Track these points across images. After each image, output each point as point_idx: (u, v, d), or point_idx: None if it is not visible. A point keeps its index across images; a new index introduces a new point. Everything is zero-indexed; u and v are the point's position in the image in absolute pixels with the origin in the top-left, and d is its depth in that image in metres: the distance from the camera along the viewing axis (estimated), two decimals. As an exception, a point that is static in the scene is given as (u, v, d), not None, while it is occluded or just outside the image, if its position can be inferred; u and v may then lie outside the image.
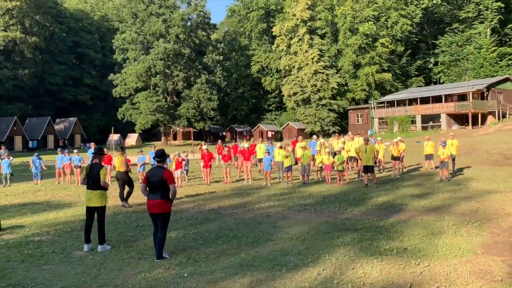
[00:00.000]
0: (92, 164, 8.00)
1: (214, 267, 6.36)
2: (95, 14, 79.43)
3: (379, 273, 5.69)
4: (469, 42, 57.62)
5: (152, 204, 6.99)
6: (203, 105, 60.76)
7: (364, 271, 5.78)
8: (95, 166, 7.91)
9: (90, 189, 7.78)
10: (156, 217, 7.05)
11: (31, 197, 15.26)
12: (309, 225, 8.97)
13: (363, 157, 14.68)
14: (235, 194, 14.12)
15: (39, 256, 7.37)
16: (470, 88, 44.66)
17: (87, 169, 7.95)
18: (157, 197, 6.95)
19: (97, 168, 7.86)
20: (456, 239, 7.28)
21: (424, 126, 48.43)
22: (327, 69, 59.32)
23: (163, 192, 6.95)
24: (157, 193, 6.96)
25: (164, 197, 6.96)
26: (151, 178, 7.05)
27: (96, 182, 7.74)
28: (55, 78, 66.08)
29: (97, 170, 7.81)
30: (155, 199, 6.96)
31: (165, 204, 6.97)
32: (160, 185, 6.95)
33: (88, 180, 7.82)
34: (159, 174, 6.97)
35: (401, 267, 5.89)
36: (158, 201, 6.93)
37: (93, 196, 7.75)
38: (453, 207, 10.29)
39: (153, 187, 7.02)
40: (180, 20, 59.59)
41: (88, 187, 7.83)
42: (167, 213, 7.05)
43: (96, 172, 7.77)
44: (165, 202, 6.97)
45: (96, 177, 7.74)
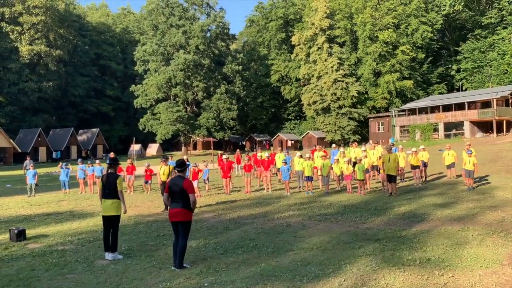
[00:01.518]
0: (108, 174, 8.09)
1: (234, 276, 6.35)
2: (117, 26, 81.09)
3: (401, 284, 5.59)
4: (492, 48, 56.53)
5: (174, 212, 7.08)
6: (223, 115, 61.11)
7: (386, 281, 5.68)
8: (111, 176, 8.02)
9: (107, 198, 7.90)
10: (177, 225, 7.13)
11: (55, 207, 15.55)
12: (330, 235, 8.89)
13: (386, 166, 14.48)
14: (255, 203, 14.11)
15: (63, 265, 7.49)
16: (494, 95, 43.79)
17: (103, 179, 8.07)
18: (178, 206, 7.04)
19: (113, 177, 7.98)
20: (481, 249, 7.10)
21: (447, 134, 47.66)
22: (346, 77, 59.01)
23: (184, 201, 7.04)
24: (178, 202, 7.06)
25: (185, 206, 7.03)
26: (173, 188, 7.13)
27: (113, 191, 7.87)
28: (78, 90, 67.57)
29: (113, 179, 7.94)
30: (176, 208, 7.05)
31: (185, 213, 7.04)
32: (181, 194, 7.04)
33: (105, 189, 7.94)
34: (179, 184, 7.07)
35: (424, 278, 5.77)
36: (179, 209, 7.03)
37: (109, 205, 7.87)
38: (478, 216, 10.06)
39: (174, 196, 7.11)
40: (200, 31, 60.27)
41: (104, 196, 7.93)
42: (187, 222, 7.11)
43: (112, 182, 7.90)
44: (185, 211, 7.03)
45: (112, 186, 7.87)
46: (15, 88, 59.96)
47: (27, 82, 60.43)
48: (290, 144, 62.08)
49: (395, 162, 14.41)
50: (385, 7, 57.78)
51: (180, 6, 63.52)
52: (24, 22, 60.43)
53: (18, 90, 60.11)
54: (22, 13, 60.44)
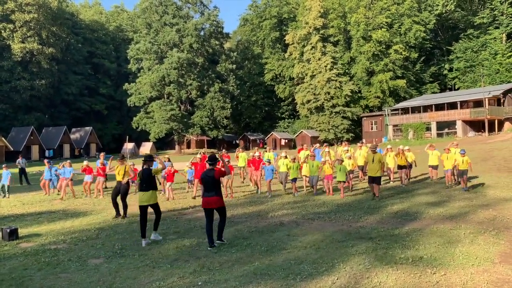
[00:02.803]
0: (143, 169, 9.12)
1: (228, 275, 6.36)
2: (110, 25, 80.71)
3: (394, 282, 5.63)
4: (484, 47, 56.94)
5: (209, 201, 8.25)
6: (217, 114, 61.12)
7: (379, 280, 5.72)
8: (146, 171, 9.10)
9: (145, 191, 8.94)
10: (211, 211, 8.32)
11: (48, 205, 15.45)
12: (323, 234, 8.93)
13: (369, 167, 13.74)
14: (249, 202, 14.12)
15: (56, 264, 7.46)
16: (486, 94, 44.14)
17: (139, 175, 9.13)
18: (212, 195, 8.22)
19: (147, 172, 9.09)
20: (473, 247, 7.17)
21: (439, 133, 47.96)
22: (340, 76, 59.23)
23: (216, 190, 8.27)
24: (211, 191, 8.22)
25: (218, 194, 8.30)
26: (205, 179, 8.28)
27: (150, 184, 8.98)
28: (71, 88, 67.19)
29: (148, 173, 9.07)
30: (211, 197, 8.22)
31: (219, 200, 8.31)
32: (214, 184, 8.24)
33: (142, 183, 9.01)
34: (211, 175, 8.25)
35: (416, 276, 5.82)
36: (214, 198, 8.21)
37: (145, 195, 8.93)
38: (469, 215, 10.15)
39: (207, 186, 8.24)
40: (194, 29, 60.21)
41: (142, 189, 9.00)
42: (223, 207, 8.44)
43: (147, 175, 9.03)
44: (219, 198, 8.30)
45: (149, 180, 9.02)
46: (7, 86, 59.49)
47: (19, 80, 59.99)
48: (284, 143, 62.17)
49: (379, 163, 13.55)
50: (379, 7, 58.03)
51: (174, 4, 63.45)
52: (16, 20, 59.96)
53: (10, 88, 59.64)
54: (14, 11, 59.96)
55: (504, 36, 55.95)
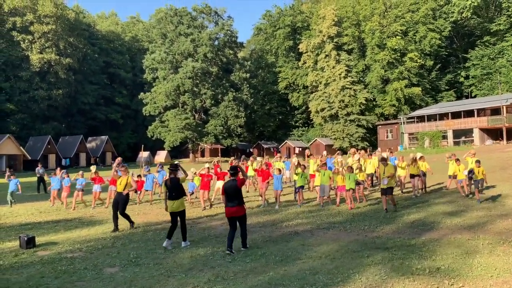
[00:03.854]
0: (171, 179, 9.51)
1: (242, 285, 6.34)
2: (126, 35, 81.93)
3: (411, 293, 5.55)
4: (502, 54, 56.22)
5: (232, 211, 8.55)
6: (231, 122, 61.33)
7: (395, 291, 5.65)
8: (173, 180, 9.48)
9: (173, 199, 9.34)
10: (235, 220, 8.60)
11: (64, 214, 15.64)
12: (339, 244, 8.85)
13: (380, 178, 13.42)
14: (263, 212, 14.07)
15: (72, 273, 7.52)
16: (504, 102, 43.49)
17: (166, 183, 9.53)
18: (234, 205, 8.51)
19: (175, 181, 9.49)
20: (492, 258, 7.02)
21: (456, 141, 47.36)
22: (354, 84, 59.03)
23: (238, 200, 8.53)
24: (234, 201, 8.51)
25: (240, 204, 8.55)
26: (228, 190, 8.58)
27: (178, 192, 9.38)
28: (87, 98, 68.24)
29: (176, 182, 9.47)
30: (233, 207, 8.52)
31: (241, 209, 8.59)
32: (236, 194, 8.52)
33: (171, 192, 9.37)
34: (234, 185, 8.56)
35: (434, 287, 5.72)
36: (235, 208, 8.50)
37: (176, 203, 9.33)
38: (488, 225, 9.96)
39: (230, 196, 8.54)
40: (208, 39, 60.74)
41: (171, 198, 9.36)
42: (244, 215, 8.68)
43: (176, 184, 9.42)
44: (241, 208, 8.58)
45: (176, 188, 9.39)
46: (26, 96, 60.69)
47: (37, 90, 61.14)
48: (298, 152, 61.96)
49: (390, 174, 13.08)
50: (393, 15, 57.83)
51: (189, 14, 64.13)
52: (35, 31, 61.26)
53: (29, 98, 60.83)
54: (33, 22, 61.30)
55: (521, 43, 55.17)
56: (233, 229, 8.53)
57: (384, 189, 13.18)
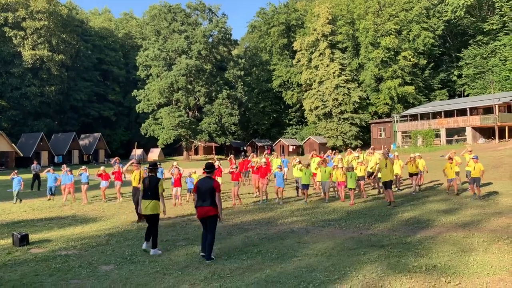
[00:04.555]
0: (150, 177, 8.81)
1: (239, 283, 6.31)
2: (119, 32, 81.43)
3: (408, 291, 5.55)
4: (494, 54, 56.58)
5: (203, 211, 7.82)
6: (225, 120, 61.20)
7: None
8: (152, 179, 8.75)
9: (147, 199, 8.58)
10: (206, 221, 7.88)
11: (57, 211, 15.52)
12: (334, 241, 8.85)
13: (382, 172, 13.85)
14: (258, 209, 14.06)
15: (66, 270, 7.45)
16: (496, 101, 43.79)
17: (144, 182, 8.79)
18: (206, 205, 7.80)
19: (155, 180, 8.74)
20: (487, 256, 7.06)
21: (448, 139, 47.60)
22: (348, 83, 59.11)
23: (211, 200, 7.80)
24: (206, 201, 7.80)
25: (212, 205, 7.81)
26: (202, 188, 7.87)
27: (154, 192, 8.61)
28: (80, 95, 67.79)
29: (155, 182, 8.69)
30: (205, 206, 7.81)
31: (213, 210, 7.81)
32: (210, 194, 7.80)
33: (146, 191, 8.62)
34: (209, 184, 7.86)
35: (431, 285, 5.73)
36: (207, 208, 7.79)
37: (150, 204, 8.55)
38: (482, 223, 10.01)
39: (202, 194, 7.84)
40: (202, 36, 60.51)
41: (145, 197, 8.61)
42: (215, 216, 7.84)
43: (154, 184, 8.65)
44: (213, 208, 7.81)
45: (154, 189, 8.63)
46: (18, 92, 60.18)
47: (29, 87, 60.65)
48: (292, 150, 62.04)
49: (392, 168, 13.81)
50: (387, 13, 57.97)
51: (183, 11, 63.87)
52: (27, 27, 60.73)
53: (21, 95, 60.33)
54: (25, 18, 60.76)
55: (514, 42, 55.52)
56: (206, 229, 7.94)
57: (385, 182, 13.64)
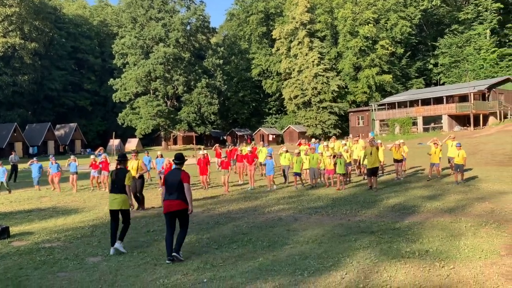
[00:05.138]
0: (118, 170, 8.15)
1: (232, 272, 6.23)
2: (94, 19, 79.47)
3: (404, 276, 5.57)
4: (469, 43, 57.57)
5: (170, 204, 7.09)
6: (204, 109, 60.70)
7: (388, 274, 5.65)
8: (120, 171, 8.09)
9: (115, 193, 7.95)
10: (173, 217, 7.13)
11: (36, 203, 15.13)
12: (324, 228, 8.85)
13: (368, 159, 14.22)
14: (243, 198, 14.00)
15: (52, 263, 7.23)
16: (472, 89, 44.63)
17: (112, 174, 8.16)
18: (173, 198, 7.07)
19: (123, 173, 8.06)
20: (477, 240, 7.16)
21: (425, 127, 48.38)
22: (327, 71, 59.29)
23: (180, 193, 7.07)
24: (174, 194, 7.08)
25: (181, 198, 7.07)
26: (170, 180, 7.19)
27: (122, 186, 7.95)
28: (54, 84, 66.01)
29: (123, 175, 8.01)
30: (172, 200, 7.07)
31: (182, 204, 7.08)
32: (178, 186, 7.08)
33: (114, 184, 7.99)
34: (177, 176, 7.14)
35: (426, 270, 5.76)
36: (176, 201, 7.05)
37: (119, 199, 7.91)
38: (467, 208, 10.18)
39: (170, 188, 7.13)
40: (180, 24, 59.64)
41: (113, 191, 8.00)
42: (186, 210, 7.10)
43: (122, 177, 7.96)
44: (182, 202, 7.08)
45: (122, 182, 7.96)
46: (-11, 82, 58.27)
47: (1, 76, 58.75)
48: (272, 139, 62.11)
49: (377, 155, 14.27)
50: (365, 2, 58.19)
51: (160, -2, 62.72)
52: (-3, 14, 58.62)
53: (-8, 84, 58.44)
54: (-5, 4, 58.61)
55: (488, 32, 56.60)
56: (171, 230, 7.10)
57: (370, 169, 13.96)
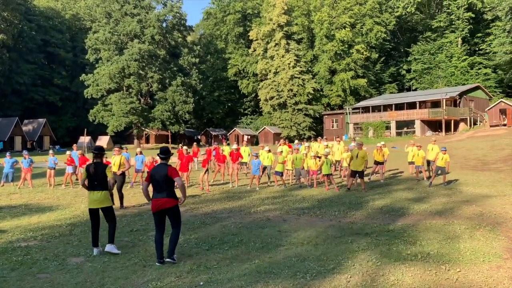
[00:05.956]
0: (95, 164, 7.37)
1: (229, 274, 5.90)
2: (66, 12, 77.16)
3: (412, 279, 5.37)
4: (441, 50, 59.04)
5: (159, 203, 6.60)
6: (178, 108, 59.75)
7: (395, 278, 5.44)
8: (99, 166, 7.35)
9: (96, 190, 7.28)
10: (163, 216, 6.68)
11: (6, 200, 14.31)
12: (316, 230, 8.61)
13: (353, 162, 14.23)
14: (226, 197, 13.65)
15: (31, 264, 6.70)
16: (444, 96, 45.63)
17: (89, 169, 7.35)
18: (163, 196, 6.60)
19: (101, 167, 7.35)
20: (475, 243, 7.06)
21: (398, 132, 49.14)
22: (303, 74, 59.45)
23: (168, 190, 6.63)
24: (162, 192, 6.61)
25: (170, 196, 6.62)
26: (155, 176, 6.66)
27: (102, 182, 7.28)
28: (23, 78, 63.55)
29: (102, 169, 7.31)
30: (161, 198, 6.60)
31: (172, 200, 6.63)
32: (166, 183, 6.60)
33: (93, 181, 7.29)
34: (163, 172, 6.62)
35: (432, 273, 5.59)
36: (164, 199, 6.59)
37: (99, 196, 7.27)
38: (456, 211, 10.16)
39: (157, 185, 6.64)
40: (156, 20, 58.59)
41: (92, 188, 7.30)
42: (176, 207, 6.67)
43: (101, 172, 7.28)
44: (171, 200, 6.63)
45: (101, 177, 7.27)
46: (-48, 73, 55.61)
47: (-35, 67, 56.23)
48: (247, 139, 61.66)
49: (363, 158, 14.14)
50: (342, 6, 58.72)
51: (136, -6, 61.44)
52: (-37, 3, 56.11)
53: (-45, 76, 55.80)
54: (-39, -7, 56.07)
55: (459, 40, 58.20)
56: (161, 230, 6.68)
57: (355, 172, 13.95)
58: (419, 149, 15.79)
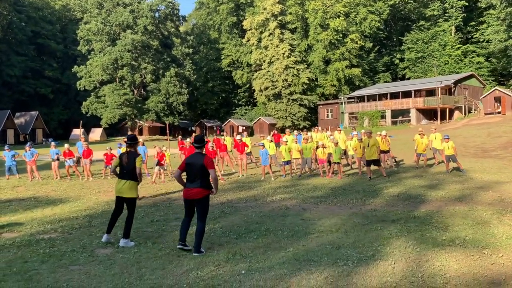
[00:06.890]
0: (128, 153, 7.28)
1: (268, 262, 5.82)
2: (56, 3, 75.90)
3: (458, 265, 5.34)
4: (434, 39, 59.17)
5: (191, 192, 6.50)
6: (172, 99, 59.32)
7: (441, 263, 5.40)
8: (131, 155, 7.24)
9: (123, 179, 7.16)
10: (192, 204, 6.56)
11: (12, 193, 14.08)
12: (340, 217, 8.56)
13: (367, 151, 14.22)
14: (236, 187, 13.56)
15: (60, 256, 6.55)
16: (439, 84, 45.80)
17: (121, 158, 7.27)
18: (196, 186, 6.47)
19: (133, 157, 7.22)
20: (507, 228, 7.06)
21: (393, 121, 49.33)
22: (297, 64, 59.26)
23: (202, 180, 6.48)
24: (196, 181, 6.48)
25: (204, 186, 6.48)
26: (191, 165, 6.54)
27: (131, 172, 7.15)
28: (13, 70, 62.61)
29: (133, 159, 7.18)
30: (194, 188, 6.47)
31: (203, 191, 6.50)
32: (200, 172, 6.46)
33: (123, 169, 7.19)
34: (199, 161, 6.47)
35: (475, 258, 5.56)
36: (198, 189, 6.46)
37: (125, 185, 7.13)
38: (474, 197, 10.17)
39: (192, 174, 6.51)
40: (148, 11, 57.93)
41: (121, 176, 7.20)
42: (205, 199, 6.52)
43: (132, 161, 7.15)
44: (204, 190, 6.50)
45: (132, 167, 7.14)
46: None
47: (-46, 60, 55.20)
48: (241, 130, 61.55)
49: (375, 146, 14.16)
50: (336, -5, 58.46)
51: (127, -17, 60.57)
52: (-49, -7, 54.91)
53: None
54: None
55: (453, 29, 58.36)
56: (189, 215, 6.65)
57: (371, 161, 14.00)
58: (421, 137, 15.90)
